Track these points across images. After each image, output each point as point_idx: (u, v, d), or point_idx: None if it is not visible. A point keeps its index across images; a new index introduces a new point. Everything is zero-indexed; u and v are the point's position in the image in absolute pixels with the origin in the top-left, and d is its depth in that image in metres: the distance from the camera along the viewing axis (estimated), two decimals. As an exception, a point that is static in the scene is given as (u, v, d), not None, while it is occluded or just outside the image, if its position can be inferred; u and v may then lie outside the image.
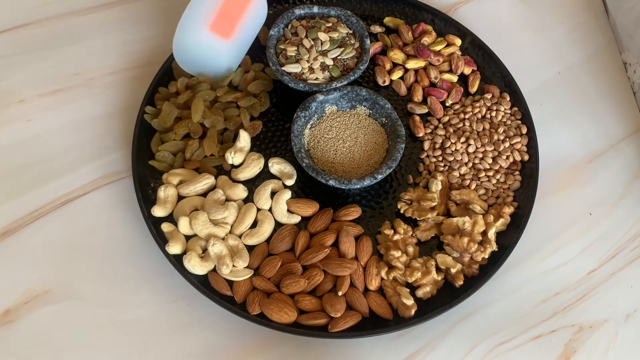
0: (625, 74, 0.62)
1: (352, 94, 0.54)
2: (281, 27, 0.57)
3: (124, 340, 0.48)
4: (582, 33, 0.65)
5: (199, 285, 0.48)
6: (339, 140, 0.53)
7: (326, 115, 0.55)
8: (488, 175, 0.53)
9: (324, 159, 0.53)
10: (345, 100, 0.54)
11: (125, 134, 0.57)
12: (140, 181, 0.52)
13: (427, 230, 0.51)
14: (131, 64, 0.61)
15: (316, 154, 0.53)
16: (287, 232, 0.51)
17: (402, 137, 0.52)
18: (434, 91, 0.58)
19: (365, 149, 0.53)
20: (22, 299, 0.49)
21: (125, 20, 0.63)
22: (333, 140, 0.53)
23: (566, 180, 0.56)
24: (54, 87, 0.59)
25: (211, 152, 0.53)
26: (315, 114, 0.54)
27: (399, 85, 0.59)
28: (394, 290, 0.49)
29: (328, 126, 0.54)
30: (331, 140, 0.53)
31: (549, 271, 0.52)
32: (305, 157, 0.51)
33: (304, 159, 0.51)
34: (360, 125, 0.54)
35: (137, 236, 0.52)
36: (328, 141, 0.53)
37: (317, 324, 0.47)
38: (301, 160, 0.51)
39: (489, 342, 0.49)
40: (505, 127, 0.55)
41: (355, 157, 0.53)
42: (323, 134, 0.54)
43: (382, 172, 0.50)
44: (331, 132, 0.54)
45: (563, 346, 0.48)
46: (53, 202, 0.53)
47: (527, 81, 0.60)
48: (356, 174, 0.52)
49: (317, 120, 0.55)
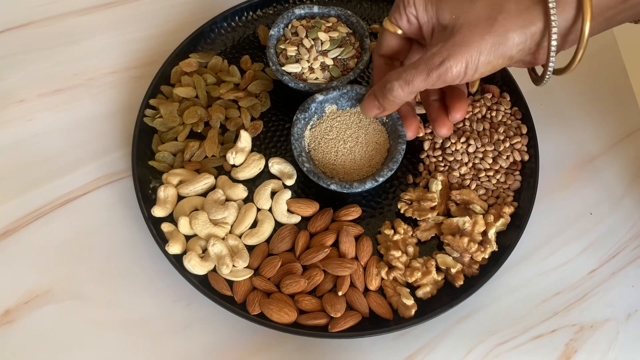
0: (626, 74, 0.62)
1: (352, 93, 0.53)
2: (281, 26, 0.57)
3: (124, 340, 0.48)
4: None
5: (199, 285, 0.48)
6: (339, 140, 0.52)
7: (326, 115, 0.54)
8: (488, 175, 0.53)
9: (324, 161, 0.52)
10: (345, 99, 0.53)
11: (125, 134, 0.57)
12: (140, 181, 0.52)
13: (427, 230, 0.51)
14: (131, 63, 0.61)
15: (317, 155, 0.52)
16: (287, 232, 0.51)
17: (403, 138, 0.51)
18: (434, 91, 0.57)
19: (366, 149, 0.52)
20: (22, 298, 0.49)
21: (125, 19, 0.63)
22: (334, 141, 0.52)
23: (566, 180, 0.56)
24: (54, 87, 0.59)
25: (212, 153, 0.53)
26: (315, 114, 0.53)
27: (399, 85, 0.59)
28: (394, 290, 0.49)
29: (328, 126, 0.53)
30: (332, 141, 0.53)
31: (550, 271, 0.51)
32: (305, 160, 0.50)
33: (305, 163, 0.50)
34: (361, 125, 0.53)
35: (137, 236, 0.52)
36: (329, 142, 0.52)
37: (317, 324, 0.47)
38: (302, 165, 0.50)
39: (490, 342, 0.48)
40: (505, 127, 0.55)
41: (356, 158, 0.52)
42: (324, 135, 0.53)
43: (383, 175, 0.49)
44: (332, 132, 0.53)
45: (564, 346, 0.48)
46: (53, 202, 0.53)
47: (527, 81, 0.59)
48: (357, 176, 0.52)
49: (317, 121, 0.54)
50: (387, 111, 0.46)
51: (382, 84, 0.44)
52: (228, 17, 0.60)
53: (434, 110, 0.48)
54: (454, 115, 0.46)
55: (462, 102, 0.46)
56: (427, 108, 0.49)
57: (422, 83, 0.41)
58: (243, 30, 0.61)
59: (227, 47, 0.60)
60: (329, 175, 0.52)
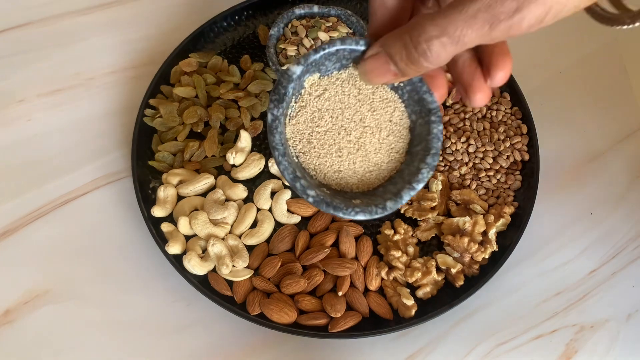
0: (626, 73, 0.62)
1: (344, 51, 0.33)
2: (281, 26, 0.57)
3: (123, 340, 0.48)
4: (583, 32, 0.64)
5: (199, 286, 0.48)
6: (337, 132, 0.35)
7: (307, 92, 0.35)
8: (488, 175, 0.53)
9: (324, 170, 0.36)
10: (332, 62, 0.34)
11: (125, 133, 0.56)
12: (140, 181, 0.52)
13: (428, 230, 0.51)
14: (131, 63, 0.61)
15: (310, 163, 0.35)
16: (287, 232, 0.51)
17: (435, 112, 0.34)
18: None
19: (379, 136, 0.35)
20: (22, 299, 0.49)
21: (124, 19, 0.63)
22: (330, 134, 0.35)
23: (567, 179, 0.56)
24: (53, 86, 0.59)
25: (212, 153, 0.53)
26: (294, 97, 0.35)
27: (399, 85, 0.58)
28: (394, 291, 0.49)
29: (315, 110, 0.35)
30: (327, 134, 0.35)
31: (550, 271, 0.51)
32: (307, 186, 0.33)
33: (307, 189, 0.33)
34: (361, 97, 0.35)
35: (137, 236, 0.52)
36: (322, 138, 0.35)
37: (317, 324, 0.47)
38: (303, 193, 0.33)
39: (490, 342, 0.48)
40: (505, 126, 0.55)
41: (369, 154, 0.35)
42: (311, 127, 0.35)
43: (422, 178, 0.34)
44: (322, 120, 0.35)
45: (564, 346, 0.48)
46: (53, 202, 0.53)
47: (527, 80, 0.59)
48: (377, 180, 0.36)
49: (296, 104, 0.35)
50: (407, 77, 0.32)
51: (406, 36, 0.30)
52: (228, 17, 0.60)
53: (466, 72, 0.34)
54: (497, 76, 0.33)
55: (507, 57, 0.33)
56: (454, 68, 0.34)
57: (479, 39, 0.28)
58: (243, 30, 0.61)
59: (227, 47, 0.60)
60: (335, 189, 0.36)
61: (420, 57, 0.29)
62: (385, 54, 0.31)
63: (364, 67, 0.33)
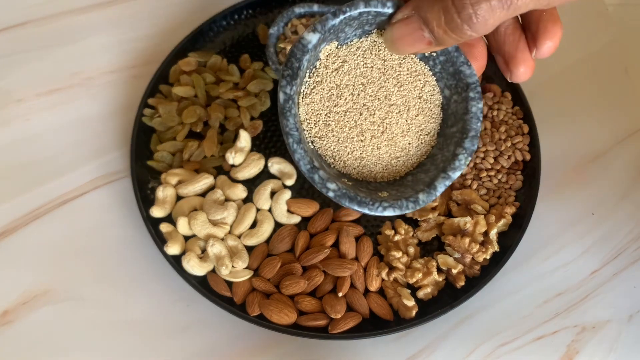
0: (627, 73, 0.61)
1: (367, 16, 0.28)
2: (281, 25, 0.56)
3: (123, 341, 0.48)
4: (584, 32, 0.64)
5: (198, 286, 0.47)
6: (359, 112, 0.30)
7: (322, 64, 0.30)
8: (489, 175, 0.53)
9: (344, 157, 0.31)
10: (353, 27, 0.29)
11: (124, 133, 0.56)
12: (138, 181, 0.51)
13: (428, 231, 0.51)
14: (130, 62, 0.60)
15: (328, 149, 0.31)
16: (287, 232, 0.50)
17: (473, 86, 0.30)
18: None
19: (407, 115, 0.31)
20: (21, 299, 0.49)
21: (123, 18, 0.63)
22: (349, 115, 0.30)
23: (568, 179, 0.56)
24: (52, 86, 0.59)
25: (211, 152, 0.53)
26: (307, 72, 0.30)
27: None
28: (395, 291, 0.48)
29: (332, 86, 0.30)
30: (346, 116, 0.30)
31: (551, 271, 0.51)
32: (327, 178, 0.29)
33: (327, 182, 0.29)
34: (385, 69, 0.30)
35: (136, 236, 0.52)
36: (341, 120, 0.30)
37: (317, 325, 0.47)
38: (323, 186, 0.29)
39: (491, 343, 0.48)
40: (506, 126, 0.55)
41: (396, 137, 0.31)
42: (327, 107, 0.30)
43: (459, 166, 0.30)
44: (340, 99, 0.30)
45: (565, 347, 0.48)
46: (51, 202, 0.53)
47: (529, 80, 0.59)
48: (404, 167, 0.32)
49: (310, 79, 0.30)
50: (443, 46, 0.28)
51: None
52: (227, 16, 0.60)
53: (508, 41, 0.30)
54: (544, 46, 0.29)
55: (557, 24, 0.30)
56: (494, 36, 0.31)
57: (534, 3, 0.25)
58: (242, 29, 0.61)
59: (226, 46, 0.60)
60: (356, 179, 0.32)
61: (463, 24, 0.25)
62: (419, 17, 0.26)
63: (391, 34, 0.27)
